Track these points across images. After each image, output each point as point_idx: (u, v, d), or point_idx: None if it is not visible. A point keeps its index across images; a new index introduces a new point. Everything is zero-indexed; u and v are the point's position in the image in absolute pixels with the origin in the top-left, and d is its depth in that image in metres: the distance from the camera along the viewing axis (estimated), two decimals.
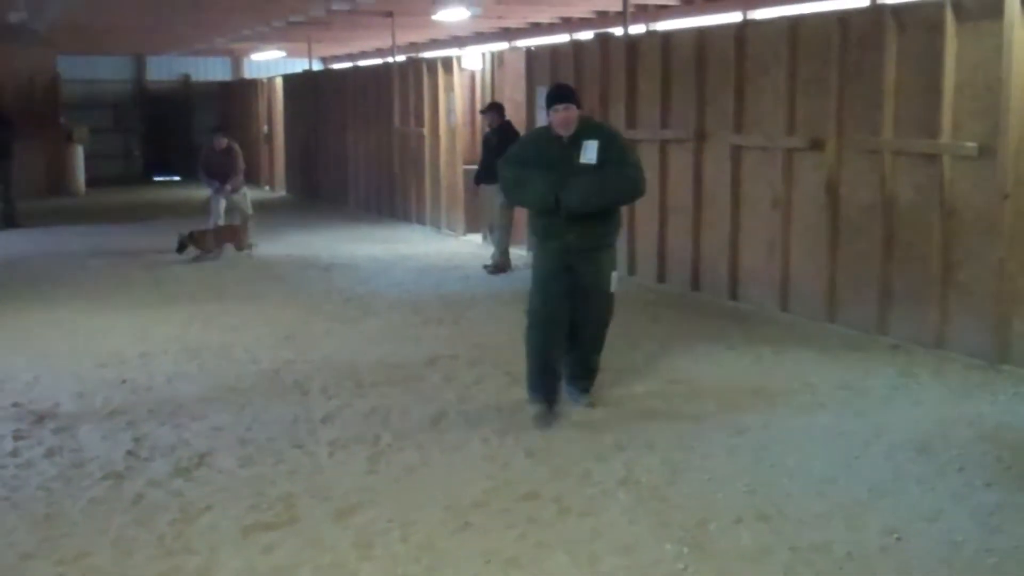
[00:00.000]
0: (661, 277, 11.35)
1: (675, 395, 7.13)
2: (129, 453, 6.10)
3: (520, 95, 14.15)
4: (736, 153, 10.18)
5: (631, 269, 11.75)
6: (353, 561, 4.66)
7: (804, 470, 5.64)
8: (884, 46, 8.47)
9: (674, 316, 9.81)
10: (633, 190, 6.59)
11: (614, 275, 6.72)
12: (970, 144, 7.78)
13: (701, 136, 10.68)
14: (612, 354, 7.41)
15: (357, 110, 19.57)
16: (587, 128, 6.55)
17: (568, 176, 6.35)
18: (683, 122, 10.89)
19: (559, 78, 13.00)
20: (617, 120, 11.83)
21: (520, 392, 6.97)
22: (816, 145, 9.19)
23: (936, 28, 8.02)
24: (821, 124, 9.15)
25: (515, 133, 12.82)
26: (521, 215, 13.19)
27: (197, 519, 5.15)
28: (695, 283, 10.83)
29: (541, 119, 13.30)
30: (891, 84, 8.44)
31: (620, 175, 6.46)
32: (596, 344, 6.83)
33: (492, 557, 4.64)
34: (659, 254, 11.37)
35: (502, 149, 12.49)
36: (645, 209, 11.38)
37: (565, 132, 6.46)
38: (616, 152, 6.49)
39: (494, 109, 13.01)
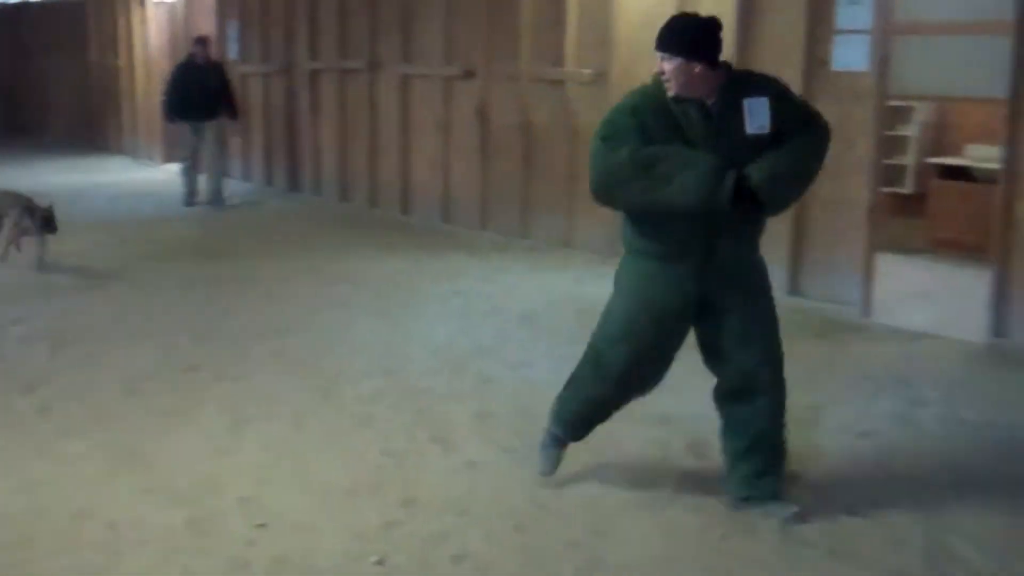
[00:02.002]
0: (344, 196, 12.36)
1: (338, 290, 8.18)
2: None
3: (213, 28, 14.74)
4: (405, 82, 11.26)
5: (317, 190, 12.75)
6: (34, 422, 5.46)
7: (428, 338, 6.83)
8: None
9: (352, 230, 10.85)
10: (824, 157, 4.18)
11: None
12: (587, 71, 9.13)
13: (375, 66, 11.69)
14: (287, 260, 8.41)
15: (54, 43, 19.58)
16: (741, 83, 4.10)
17: (725, 153, 3.99)
18: (359, 53, 11.87)
19: (249, 12, 13.78)
20: (301, 52, 12.74)
21: (200, 292, 7.90)
22: (469, 74, 10.38)
23: None
24: (473, 55, 10.34)
25: (225, 70, 12.75)
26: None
27: None
28: (373, 201, 11.89)
29: (233, 52, 14.04)
30: (527, 19, 9.70)
31: (817, 144, 4.12)
32: (780, 415, 4.32)
33: (153, 411, 5.56)
34: (341, 175, 12.37)
35: (222, 88, 12.26)
36: (328, 134, 12.43)
37: (683, 92, 4.03)
38: (793, 109, 4.13)
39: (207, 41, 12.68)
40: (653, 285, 4.21)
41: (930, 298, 7.34)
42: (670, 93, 4.05)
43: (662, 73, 4.06)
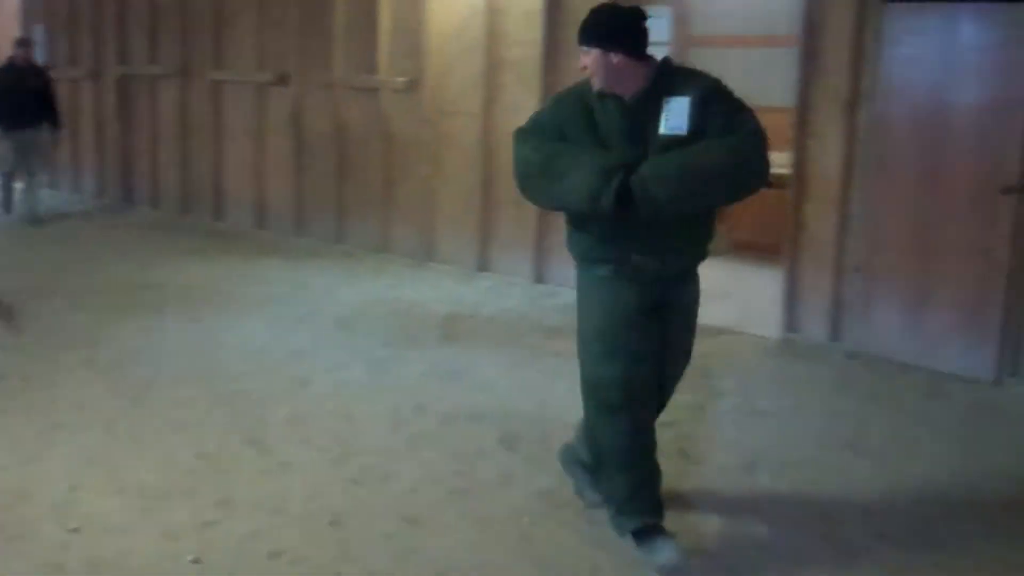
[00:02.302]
0: (155, 204, 12.18)
1: (149, 297, 8.09)
2: None
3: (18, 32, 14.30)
4: (216, 87, 11.18)
5: (128, 198, 12.53)
6: None
7: (241, 344, 6.84)
8: None
9: (163, 237, 10.71)
10: (753, 172, 3.74)
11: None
12: (401, 79, 9.26)
13: (186, 72, 11.57)
14: (96, 269, 8.28)
15: None
16: (671, 79, 3.80)
17: (638, 155, 3.72)
18: (169, 59, 11.72)
19: (55, 16, 13.41)
20: (110, 57, 12.50)
21: (6, 302, 7.68)
22: (282, 80, 10.38)
23: None
24: (286, 61, 10.35)
25: (48, 74, 11.75)
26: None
27: None
28: (185, 208, 11.75)
29: (40, 56, 13.60)
30: (340, 26, 9.76)
31: (731, 148, 3.67)
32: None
33: None
34: (152, 182, 12.19)
35: (45, 92, 11.26)
36: (138, 141, 12.23)
37: (614, 89, 3.79)
38: (721, 112, 3.73)
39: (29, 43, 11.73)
40: (605, 289, 3.92)
41: (729, 297, 7.74)
42: (594, 88, 3.82)
43: (583, 67, 3.82)
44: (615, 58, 3.75)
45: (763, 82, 9.10)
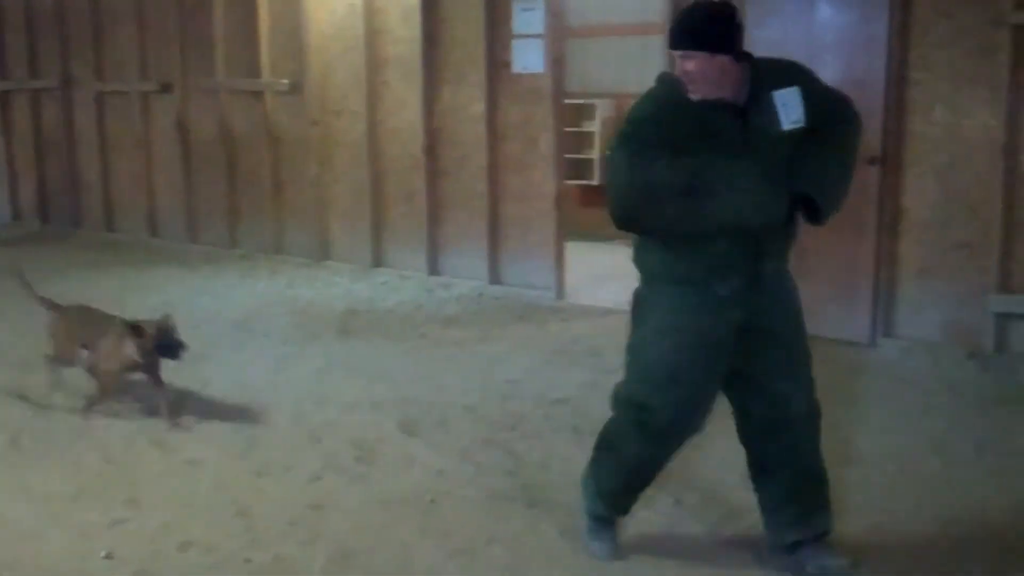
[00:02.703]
0: (45, 218, 12.08)
1: (38, 309, 8.04)
2: None
3: None
4: (100, 98, 11.15)
5: (16, 214, 12.41)
6: None
7: None
8: None
9: (55, 250, 10.65)
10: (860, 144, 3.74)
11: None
12: (284, 81, 9.37)
13: (68, 84, 11.51)
14: None
15: None
16: (768, 74, 3.58)
17: (763, 158, 3.50)
18: (51, 72, 11.64)
19: None
20: None
21: None
22: (166, 88, 10.41)
23: None
24: (168, 69, 10.38)
25: None
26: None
27: None
28: (76, 220, 11.69)
29: None
30: (220, 31, 9.83)
31: (854, 133, 3.67)
32: (819, 444, 3.91)
33: None
34: (40, 197, 12.09)
35: None
36: (22, 156, 12.14)
37: (712, 93, 3.51)
38: (825, 95, 3.64)
39: None
40: (696, 314, 3.60)
41: (615, 279, 8.00)
42: (695, 96, 3.49)
43: (686, 74, 3.47)
44: (722, 61, 3.47)
45: (638, 70, 9.39)
